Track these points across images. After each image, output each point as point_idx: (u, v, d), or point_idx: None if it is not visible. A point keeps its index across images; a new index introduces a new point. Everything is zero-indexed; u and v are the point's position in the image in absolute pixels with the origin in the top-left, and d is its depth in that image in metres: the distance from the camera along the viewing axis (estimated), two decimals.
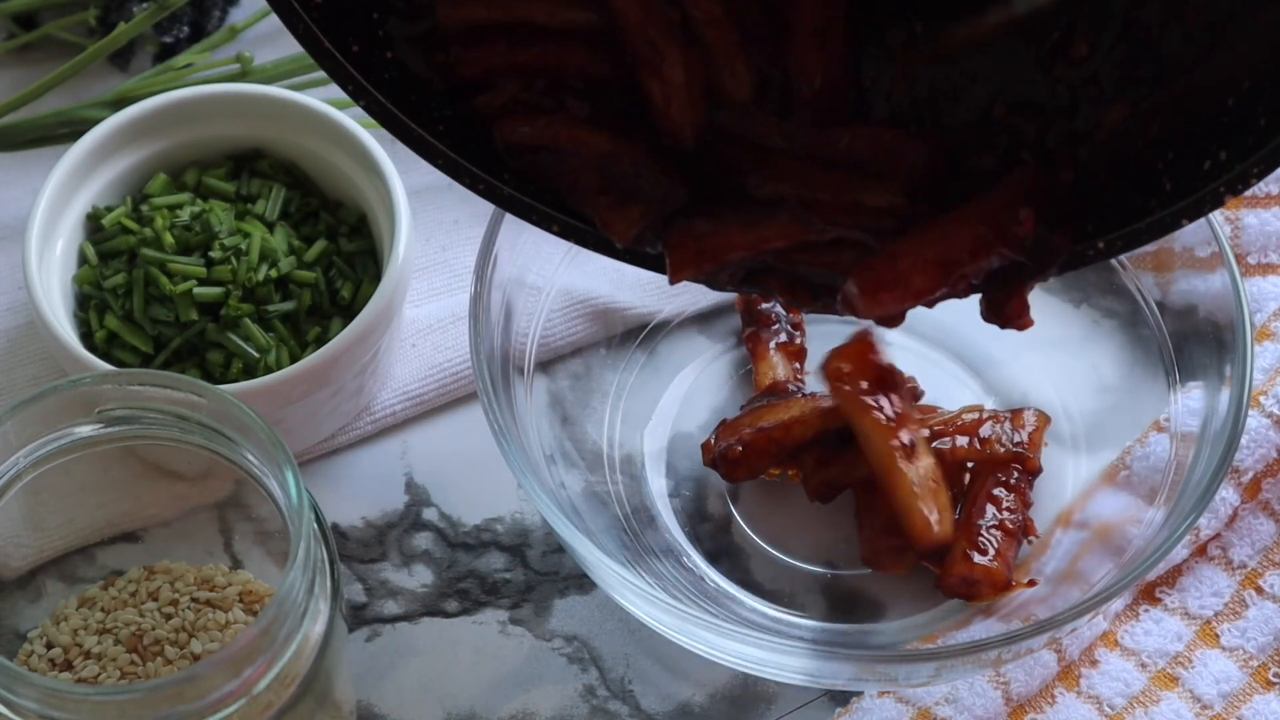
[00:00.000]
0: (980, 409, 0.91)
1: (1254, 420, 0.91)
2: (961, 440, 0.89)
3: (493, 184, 0.77)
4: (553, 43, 0.76)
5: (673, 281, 0.77)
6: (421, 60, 0.77)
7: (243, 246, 0.92)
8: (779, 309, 0.95)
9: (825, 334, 0.94)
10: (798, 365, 0.95)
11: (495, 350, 0.87)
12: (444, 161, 0.77)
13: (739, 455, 0.89)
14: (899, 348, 0.95)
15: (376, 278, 0.94)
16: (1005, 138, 0.75)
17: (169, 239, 0.92)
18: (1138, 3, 0.72)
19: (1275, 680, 0.88)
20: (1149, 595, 0.91)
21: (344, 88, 0.76)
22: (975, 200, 0.74)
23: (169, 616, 0.84)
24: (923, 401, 0.93)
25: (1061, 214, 0.74)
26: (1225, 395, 0.85)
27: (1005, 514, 0.89)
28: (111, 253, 0.93)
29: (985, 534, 0.88)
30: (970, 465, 0.90)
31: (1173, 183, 0.72)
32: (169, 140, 0.96)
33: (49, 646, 0.84)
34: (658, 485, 0.93)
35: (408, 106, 0.76)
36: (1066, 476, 0.91)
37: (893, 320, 0.76)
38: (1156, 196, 0.72)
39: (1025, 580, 0.88)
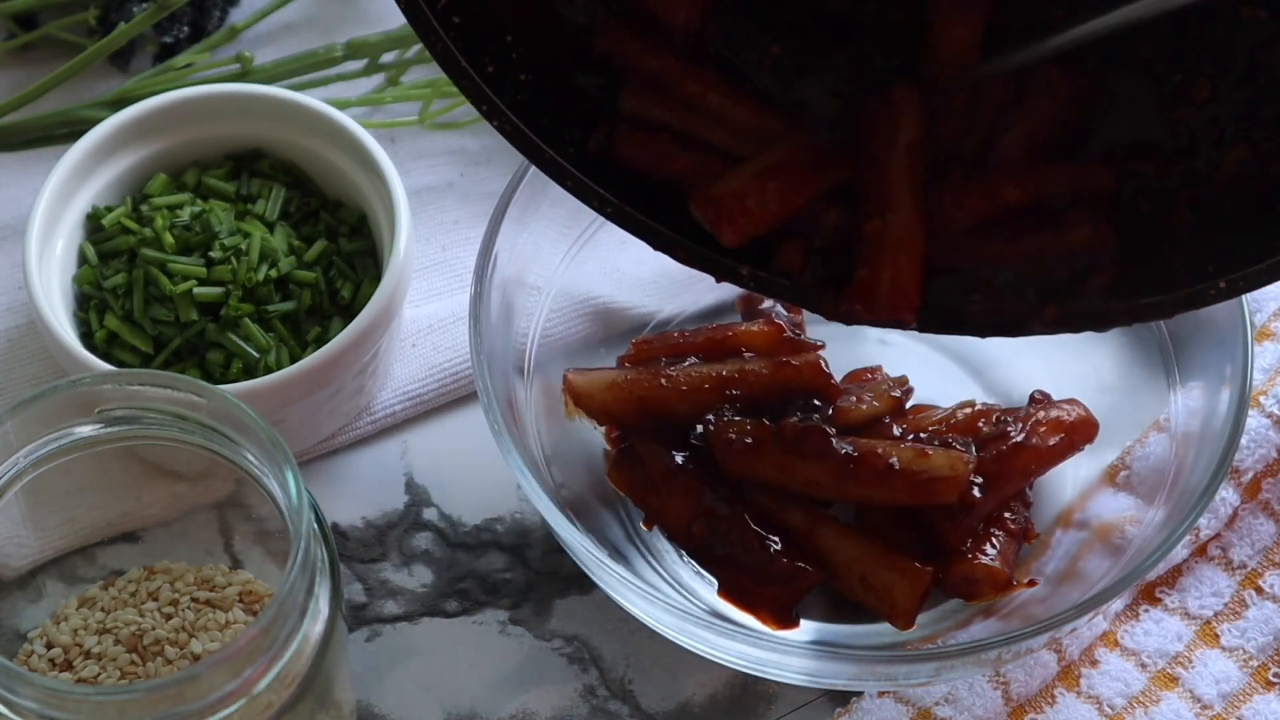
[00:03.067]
0: (972, 403, 0.91)
1: (1254, 420, 0.91)
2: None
3: (620, 207, 0.78)
4: (716, 157, 0.77)
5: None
6: (578, 119, 0.78)
7: (243, 246, 0.92)
8: (779, 309, 0.95)
9: (825, 335, 0.94)
10: None
11: (495, 350, 0.87)
12: (574, 183, 0.77)
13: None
14: (900, 348, 0.95)
15: (376, 278, 0.94)
16: (1127, 180, 0.76)
17: (169, 239, 0.92)
18: (1263, 45, 0.73)
19: (1275, 680, 0.88)
20: (1149, 595, 0.91)
21: (478, 107, 0.76)
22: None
23: (169, 616, 0.84)
24: (922, 401, 0.93)
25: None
26: (1225, 395, 0.85)
27: (1006, 514, 0.89)
28: (111, 253, 0.93)
29: (987, 534, 0.88)
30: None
31: None
32: (169, 140, 0.96)
33: (49, 646, 0.84)
34: None
35: (539, 129, 0.77)
36: (1066, 476, 0.91)
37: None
38: (1278, 236, 0.72)
39: (1025, 580, 0.88)
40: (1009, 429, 0.88)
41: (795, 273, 0.78)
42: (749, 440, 0.87)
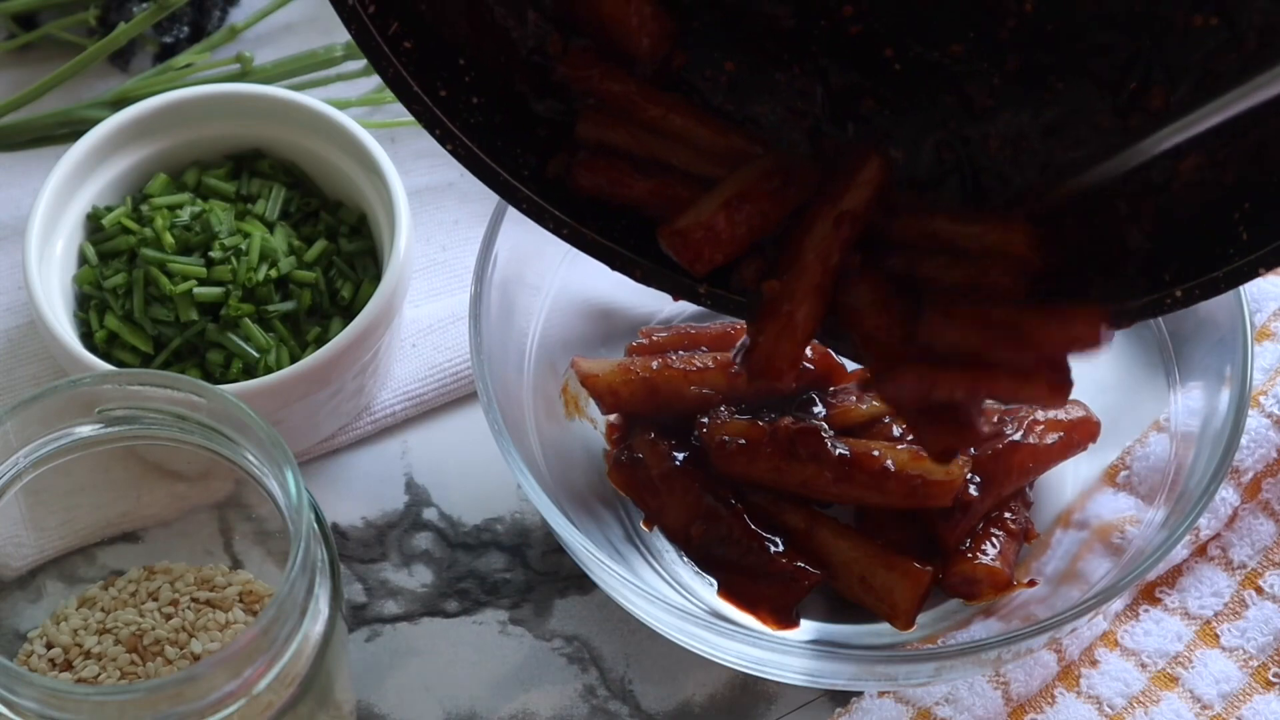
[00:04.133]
0: None
1: (1254, 420, 0.91)
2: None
3: (576, 229, 0.78)
4: (677, 181, 0.77)
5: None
6: (534, 145, 0.77)
7: (243, 246, 0.92)
8: None
9: None
10: None
11: (495, 350, 0.87)
12: (529, 206, 0.78)
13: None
14: None
15: (376, 278, 0.94)
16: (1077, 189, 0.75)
17: (169, 239, 0.92)
18: (1215, 54, 0.72)
19: (1275, 680, 0.88)
20: (1149, 595, 0.91)
21: (430, 131, 0.76)
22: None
23: (169, 616, 0.84)
24: None
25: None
26: (1225, 395, 0.85)
27: (1006, 514, 0.89)
28: (111, 253, 0.93)
29: (987, 534, 0.88)
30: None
31: (1250, 232, 0.72)
32: (169, 140, 0.96)
33: (49, 646, 0.84)
34: None
35: (494, 151, 0.77)
36: (1066, 476, 0.91)
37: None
38: (1234, 245, 0.72)
39: (1025, 580, 0.88)
40: (1006, 428, 0.88)
41: (753, 289, 0.78)
42: (742, 442, 0.87)
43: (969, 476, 0.87)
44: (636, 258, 0.79)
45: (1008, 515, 0.89)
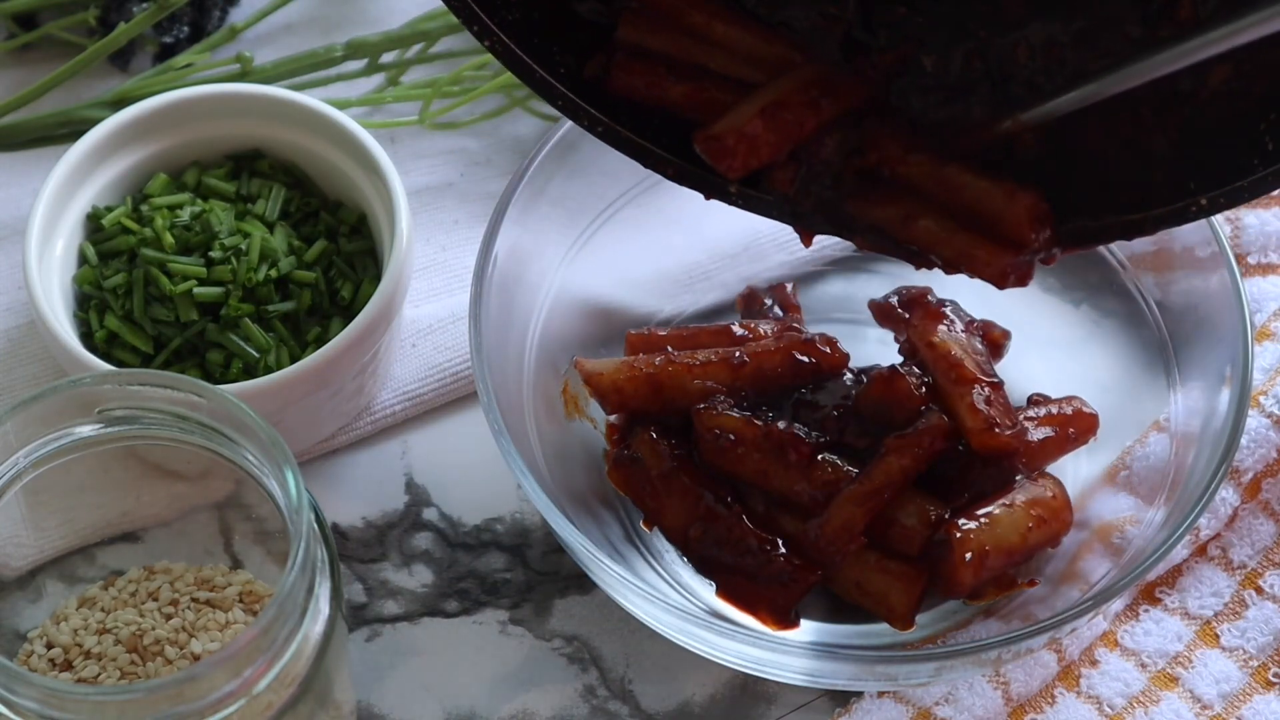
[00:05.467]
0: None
1: (1254, 420, 0.91)
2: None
3: (611, 126, 0.78)
4: (713, 84, 0.78)
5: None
6: (572, 45, 0.78)
7: (243, 246, 0.92)
8: (777, 309, 0.95)
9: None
10: None
11: (495, 350, 0.87)
12: (564, 103, 0.78)
13: None
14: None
15: (376, 278, 0.94)
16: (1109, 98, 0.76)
17: (169, 239, 0.92)
18: None
19: (1275, 680, 0.88)
20: (1149, 595, 0.91)
21: (469, 27, 0.76)
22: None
23: (169, 616, 0.84)
24: None
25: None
26: (1225, 395, 0.85)
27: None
28: (111, 253, 0.93)
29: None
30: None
31: (1275, 142, 0.72)
32: (169, 140, 0.96)
33: (49, 646, 0.84)
34: None
35: (530, 49, 0.77)
36: (1066, 476, 0.91)
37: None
38: (1259, 155, 0.72)
39: (1025, 580, 0.88)
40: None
41: (787, 192, 0.78)
42: (732, 438, 0.87)
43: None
44: (670, 156, 0.79)
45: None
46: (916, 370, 0.89)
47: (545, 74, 0.77)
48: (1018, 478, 0.88)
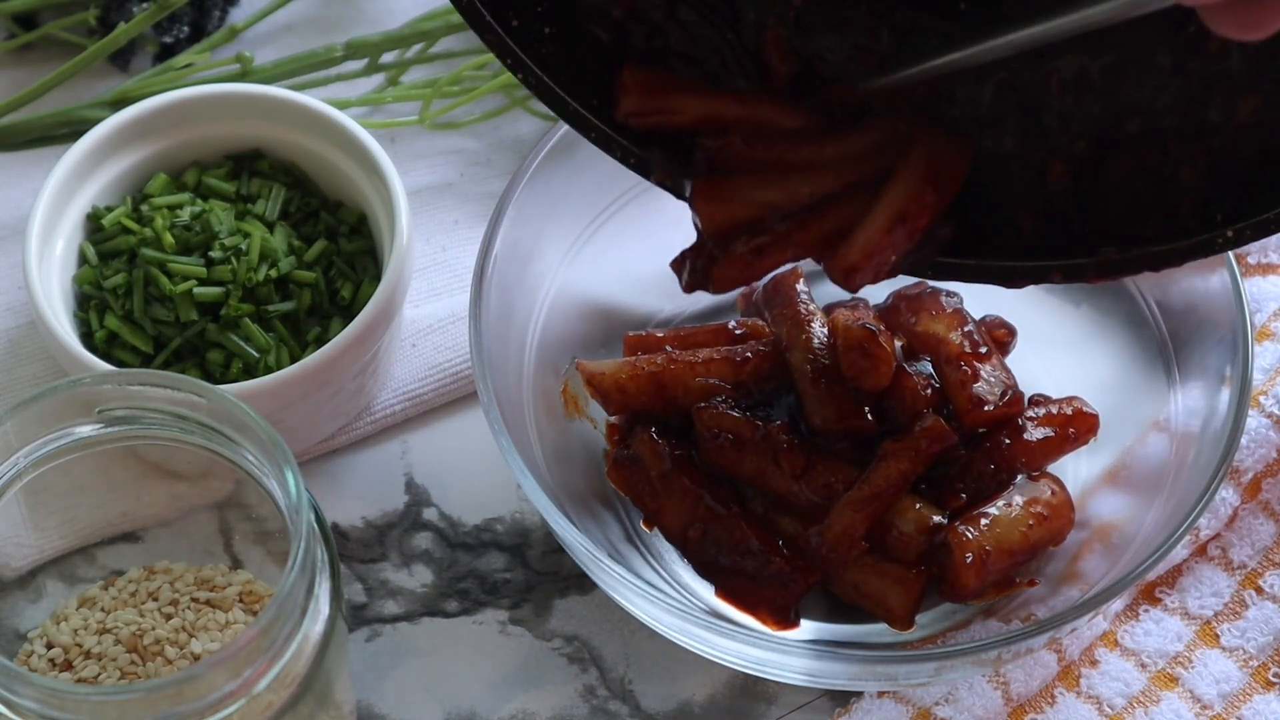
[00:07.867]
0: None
1: (1254, 420, 0.91)
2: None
3: (644, 159, 0.79)
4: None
5: None
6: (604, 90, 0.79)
7: (243, 246, 0.92)
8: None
9: None
10: None
11: (495, 350, 0.87)
12: (597, 135, 0.79)
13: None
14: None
15: (376, 278, 0.94)
16: (1140, 131, 0.76)
17: (169, 239, 0.92)
18: None
19: (1275, 680, 0.88)
20: (1149, 595, 0.91)
21: (503, 60, 0.77)
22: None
23: (169, 616, 0.84)
24: None
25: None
26: (1225, 395, 0.85)
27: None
28: (111, 253, 0.93)
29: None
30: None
31: None
32: (169, 140, 0.96)
33: (49, 646, 0.84)
34: None
35: (563, 83, 0.78)
36: (1066, 476, 0.91)
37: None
38: None
39: (1025, 580, 0.88)
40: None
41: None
42: (731, 437, 0.87)
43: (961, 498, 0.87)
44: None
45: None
46: (923, 370, 0.90)
47: (579, 106, 0.78)
48: (1018, 478, 0.88)
